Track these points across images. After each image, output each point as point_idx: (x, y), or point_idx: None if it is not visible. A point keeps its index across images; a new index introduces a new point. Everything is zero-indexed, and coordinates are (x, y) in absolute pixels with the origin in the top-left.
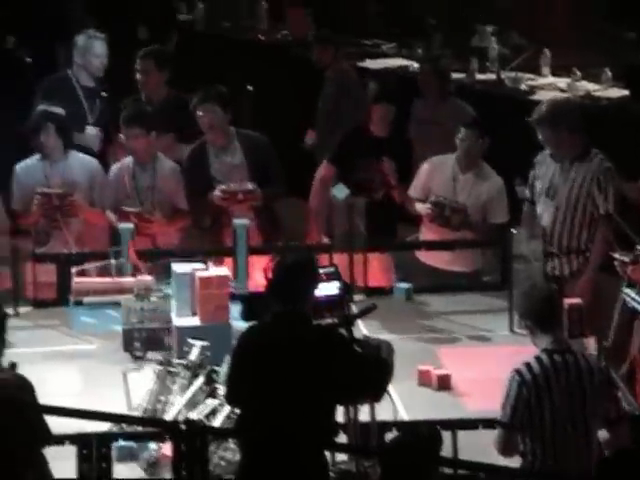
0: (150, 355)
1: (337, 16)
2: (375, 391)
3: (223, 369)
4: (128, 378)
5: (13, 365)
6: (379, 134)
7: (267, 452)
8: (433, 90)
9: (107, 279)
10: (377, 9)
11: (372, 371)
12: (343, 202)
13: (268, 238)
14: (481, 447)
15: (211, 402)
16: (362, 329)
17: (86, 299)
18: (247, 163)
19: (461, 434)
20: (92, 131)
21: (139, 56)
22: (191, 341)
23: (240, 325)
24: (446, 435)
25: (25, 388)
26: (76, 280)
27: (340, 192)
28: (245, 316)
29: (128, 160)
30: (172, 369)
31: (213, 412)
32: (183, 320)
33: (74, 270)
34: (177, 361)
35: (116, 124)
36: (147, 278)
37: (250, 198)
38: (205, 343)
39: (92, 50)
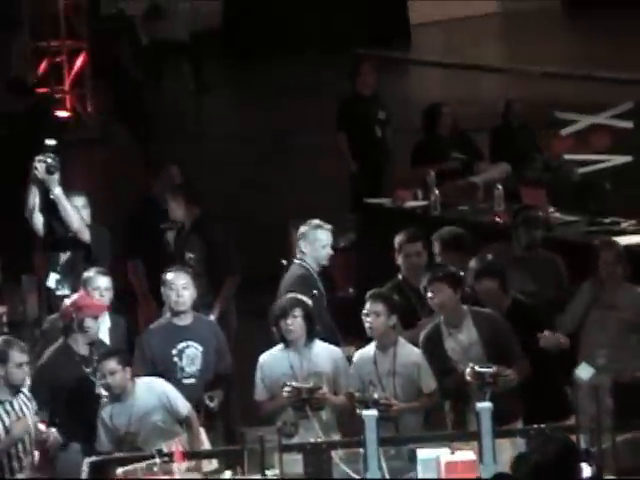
0: None
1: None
2: None
3: None
4: None
5: None
6: None
7: None
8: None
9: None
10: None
11: None
12: (588, 383)
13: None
14: None
15: None
16: None
17: None
18: (482, 341)
19: None
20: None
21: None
22: None
23: None
24: None
25: None
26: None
27: (585, 372)
28: None
29: (369, 347)
30: None
31: None
32: None
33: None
34: None
35: None
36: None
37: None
38: None
39: (320, 241)
